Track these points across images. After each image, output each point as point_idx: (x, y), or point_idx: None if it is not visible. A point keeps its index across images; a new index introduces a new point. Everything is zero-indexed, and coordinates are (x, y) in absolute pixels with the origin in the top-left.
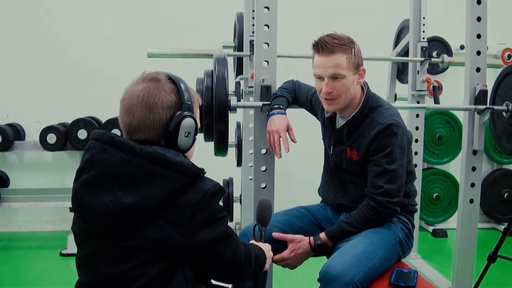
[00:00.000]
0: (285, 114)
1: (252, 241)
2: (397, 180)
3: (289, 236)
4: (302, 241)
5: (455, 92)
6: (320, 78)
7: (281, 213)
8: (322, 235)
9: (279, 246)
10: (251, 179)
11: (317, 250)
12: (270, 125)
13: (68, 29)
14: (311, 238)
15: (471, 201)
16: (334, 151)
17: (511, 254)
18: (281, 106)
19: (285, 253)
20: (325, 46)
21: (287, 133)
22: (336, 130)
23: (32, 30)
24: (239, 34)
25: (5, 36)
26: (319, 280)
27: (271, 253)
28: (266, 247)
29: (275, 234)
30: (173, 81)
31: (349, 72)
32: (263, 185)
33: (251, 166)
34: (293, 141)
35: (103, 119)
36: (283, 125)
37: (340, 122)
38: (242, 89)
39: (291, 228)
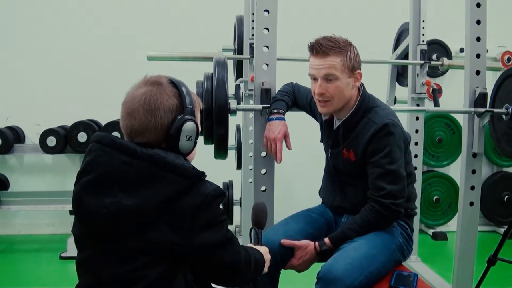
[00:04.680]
0: (284, 119)
1: (250, 245)
2: (400, 181)
3: (297, 243)
4: (308, 247)
5: (455, 95)
6: (314, 79)
7: (293, 221)
8: (327, 240)
9: (282, 255)
10: (251, 182)
11: (323, 255)
12: (268, 131)
13: (68, 31)
14: (317, 243)
15: (471, 204)
16: (332, 153)
17: (511, 257)
18: (280, 111)
19: (293, 261)
20: (319, 48)
21: (284, 141)
22: (333, 132)
23: (32, 33)
24: (239, 37)
25: (5, 39)
26: (319, 279)
27: (269, 256)
28: (264, 250)
29: (284, 242)
30: (175, 85)
31: (343, 74)
32: (263, 188)
33: (251, 169)
34: (289, 148)
35: (103, 122)
36: (281, 133)
37: (337, 124)
38: (242, 92)
39: (306, 237)
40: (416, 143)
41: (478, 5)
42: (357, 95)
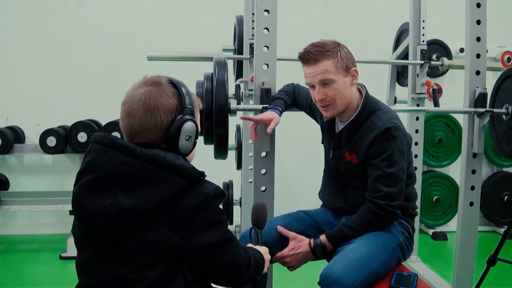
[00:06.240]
0: (279, 113)
1: (249, 245)
2: (398, 184)
3: (292, 234)
4: (303, 241)
5: (455, 95)
6: (312, 87)
7: (280, 216)
8: (323, 237)
9: (279, 249)
10: (251, 182)
11: (317, 251)
12: (258, 116)
13: (68, 31)
14: (311, 239)
15: (471, 204)
16: (333, 155)
17: (511, 257)
18: (276, 107)
19: (284, 251)
20: (309, 56)
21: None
22: (336, 134)
23: (32, 33)
24: (239, 37)
25: (5, 39)
26: (319, 283)
27: (269, 256)
28: (264, 250)
29: (280, 228)
30: (175, 85)
31: (339, 75)
32: (263, 188)
33: (251, 169)
34: (267, 131)
35: (103, 122)
36: (266, 116)
37: (339, 126)
38: (242, 92)
39: (291, 231)
40: (416, 143)
41: (478, 5)
42: (360, 97)
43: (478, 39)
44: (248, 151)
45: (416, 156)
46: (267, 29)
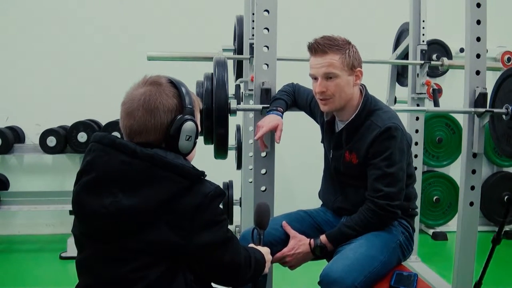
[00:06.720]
0: (281, 115)
1: (251, 245)
2: (397, 183)
3: (292, 232)
4: (303, 240)
5: (455, 95)
6: (315, 78)
7: (281, 216)
8: (323, 237)
9: (279, 249)
10: (251, 182)
11: (317, 252)
12: (261, 121)
13: (68, 31)
14: (312, 239)
15: (471, 204)
16: (333, 155)
17: (509, 257)
18: (278, 108)
19: (284, 250)
20: (318, 47)
21: (274, 132)
22: (335, 134)
23: (32, 33)
24: (239, 37)
25: (5, 39)
26: (319, 283)
27: (270, 257)
28: (265, 251)
29: (284, 223)
30: (174, 84)
31: (343, 72)
32: (263, 188)
33: (251, 169)
34: (276, 142)
35: (103, 122)
36: (271, 123)
37: (339, 125)
38: (242, 92)
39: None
40: (416, 143)
41: (478, 5)
42: (360, 97)
43: (478, 39)
44: (248, 151)
45: (416, 156)
46: (267, 29)
